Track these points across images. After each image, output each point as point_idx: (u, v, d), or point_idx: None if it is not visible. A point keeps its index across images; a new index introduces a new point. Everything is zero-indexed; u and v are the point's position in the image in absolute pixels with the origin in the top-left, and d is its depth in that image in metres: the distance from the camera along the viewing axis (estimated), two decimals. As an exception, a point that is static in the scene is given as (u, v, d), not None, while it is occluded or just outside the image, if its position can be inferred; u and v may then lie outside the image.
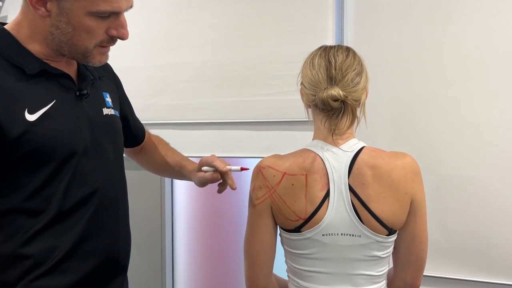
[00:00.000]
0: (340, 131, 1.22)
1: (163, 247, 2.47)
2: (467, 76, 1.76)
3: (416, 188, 1.23)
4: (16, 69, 1.09)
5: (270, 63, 2.08)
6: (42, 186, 1.10)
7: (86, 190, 1.17)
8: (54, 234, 1.12)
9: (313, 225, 1.19)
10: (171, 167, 1.53)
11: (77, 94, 1.19)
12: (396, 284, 1.31)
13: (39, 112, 1.09)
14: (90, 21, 1.09)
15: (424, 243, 1.27)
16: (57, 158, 1.11)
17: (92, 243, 1.18)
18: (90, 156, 1.18)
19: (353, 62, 1.22)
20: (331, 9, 1.96)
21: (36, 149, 1.08)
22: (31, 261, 1.10)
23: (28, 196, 1.09)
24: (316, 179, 1.20)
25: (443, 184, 1.79)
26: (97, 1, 1.07)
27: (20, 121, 1.06)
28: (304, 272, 1.25)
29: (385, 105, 1.85)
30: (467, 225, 1.78)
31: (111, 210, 1.24)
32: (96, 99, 1.25)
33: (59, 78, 1.16)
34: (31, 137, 1.07)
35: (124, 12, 1.14)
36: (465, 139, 1.77)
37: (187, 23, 2.24)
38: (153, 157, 1.56)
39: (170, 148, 1.59)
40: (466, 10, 1.75)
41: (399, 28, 1.86)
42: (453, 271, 1.81)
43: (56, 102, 1.13)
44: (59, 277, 1.13)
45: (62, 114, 1.13)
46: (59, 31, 1.10)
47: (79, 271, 1.16)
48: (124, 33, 1.15)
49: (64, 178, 1.13)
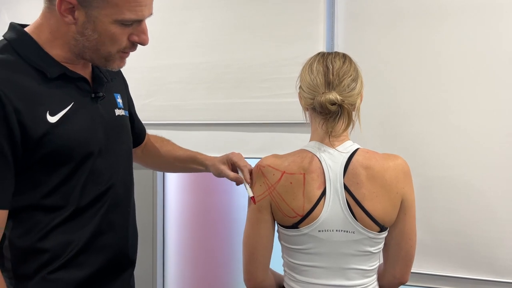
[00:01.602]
0: (336, 133, 1.28)
1: (155, 245, 2.48)
2: (452, 82, 1.81)
3: (406, 188, 1.30)
4: (38, 73, 1.13)
5: (263, 66, 2.11)
6: (60, 184, 1.14)
7: (101, 188, 1.21)
8: (70, 230, 1.17)
9: (310, 221, 1.25)
10: (182, 160, 1.58)
11: (92, 96, 1.23)
12: (386, 278, 1.38)
13: (59, 114, 1.13)
14: (115, 29, 1.13)
15: (413, 239, 1.34)
16: (75, 158, 1.15)
17: (105, 238, 1.23)
18: (104, 156, 1.22)
19: (350, 69, 1.28)
20: (323, 16, 2.00)
21: (56, 149, 1.12)
22: (48, 254, 1.14)
23: (46, 194, 1.13)
24: (314, 178, 1.26)
25: (428, 184, 1.83)
26: (123, 10, 1.10)
27: (42, 123, 1.10)
28: (301, 266, 1.30)
29: (374, 109, 1.88)
30: (451, 224, 1.83)
31: (122, 207, 1.29)
32: (109, 101, 1.30)
33: (76, 81, 1.20)
34: (52, 138, 1.11)
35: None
36: (449, 141, 1.82)
37: (181, 25, 2.25)
38: (158, 154, 1.59)
39: (173, 143, 1.64)
40: (452, 19, 1.80)
41: (387, 35, 1.91)
42: (438, 268, 1.86)
43: (74, 104, 1.16)
44: (74, 271, 1.17)
45: (79, 116, 1.17)
46: (84, 38, 1.13)
47: (93, 265, 1.21)
48: (145, 39, 1.18)
49: (81, 177, 1.17)
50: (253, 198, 1.32)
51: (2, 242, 1.12)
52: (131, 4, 1.11)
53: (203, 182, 2.51)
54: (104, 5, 1.09)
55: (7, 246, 1.13)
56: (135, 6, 1.11)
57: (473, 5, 1.78)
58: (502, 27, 1.74)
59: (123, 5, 1.10)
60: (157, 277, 2.50)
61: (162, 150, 1.60)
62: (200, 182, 2.51)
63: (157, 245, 2.50)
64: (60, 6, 1.09)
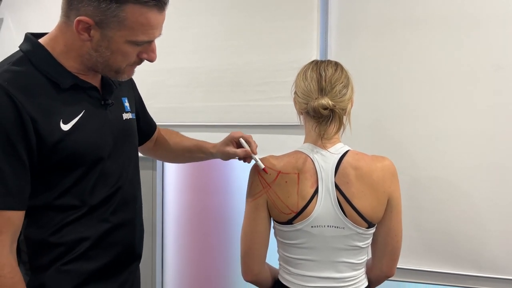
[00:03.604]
0: (328, 135, 1.35)
1: (154, 243, 2.51)
2: (438, 87, 1.85)
3: (393, 188, 1.37)
4: (51, 83, 1.19)
5: (259, 71, 2.14)
6: (72, 186, 1.21)
7: (110, 189, 1.29)
8: (81, 227, 1.24)
9: (303, 218, 1.32)
10: (190, 150, 1.66)
11: (102, 103, 1.30)
12: (374, 272, 1.45)
13: (72, 122, 1.20)
14: (128, 48, 1.20)
15: (398, 235, 1.41)
16: (86, 162, 1.23)
17: (114, 235, 1.30)
18: (113, 159, 1.30)
19: (341, 76, 1.35)
20: (316, 23, 2.04)
21: (69, 155, 1.19)
22: (62, 248, 1.22)
23: (59, 195, 1.20)
24: (307, 178, 1.33)
25: (415, 184, 1.87)
26: (137, 33, 1.17)
27: (57, 131, 1.17)
28: (295, 260, 1.38)
29: (364, 112, 1.90)
30: (437, 222, 1.86)
31: (130, 206, 1.36)
32: (117, 106, 1.36)
33: (87, 90, 1.26)
34: (65, 144, 1.18)
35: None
36: (436, 144, 1.85)
37: (180, 31, 2.28)
38: (168, 146, 1.67)
39: (181, 135, 1.72)
40: (439, 28, 1.84)
41: (377, 42, 1.94)
42: (425, 264, 1.91)
43: (85, 112, 1.23)
44: (85, 264, 1.25)
45: (90, 123, 1.24)
46: (97, 54, 1.20)
47: (102, 259, 1.28)
48: (153, 57, 1.26)
49: (91, 180, 1.24)
50: (265, 169, 1.37)
51: (19, 237, 1.19)
52: (145, 27, 1.18)
53: (201, 181, 2.54)
54: (120, 27, 1.16)
55: (23, 240, 1.20)
56: (148, 29, 1.18)
57: (459, 14, 1.82)
58: (486, 35, 1.79)
59: (138, 29, 1.17)
60: (156, 273, 2.53)
61: (171, 142, 1.67)
62: (198, 180, 2.55)
63: (156, 242, 2.53)
64: (78, 25, 1.15)
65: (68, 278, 1.23)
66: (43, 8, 2.57)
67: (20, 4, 2.68)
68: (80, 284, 1.25)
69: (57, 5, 1.25)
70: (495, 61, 1.79)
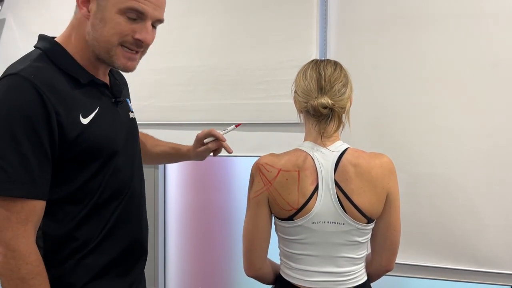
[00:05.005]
0: (328, 134, 1.37)
1: (156, 240, 2.53)
2: (436, 85, 1.87)
3: (391, 184, 1.39)
4: (71, 78, 1.23)
5: (259, 69, 2.16)
6: (88, 180, 1.24)
7: (120, 184, 1.32)
8: (95, 220, 1.27)
9: (304, 214, 1.35)
10: (167, 153, 1.70)
11: (113, 101, 1.34)
12: (373, 266, 1.48)
13: (90, 116, 1.23)
14: (119, 19, 1.20)
15: (397, 230, 1.44)
16: (102, 156, 1.26)
17: (123, 228, 1.33)
18: (124, 155, 1.33)
19: (340, 75, 1.37)
20: (316, 22, 2.06)
21: (88, 148, 1.22)
22: (78, 242, 1.25)
23: (76, 188, 1.23)
24: (307, 175, 1.36)
25: (413, 180, 1.89)
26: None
27: (77, 124, 1.20)
28: (295, 255, 1.40)
29: (363, 110, 1.91)
30: (436, 218, 1.88)
31: (136, 201, 1.40)
32: (125, 105, 1.41)
33: (100, 87, 1.31)
34: (85, 137, 1.21)
35: (153, 23, 1.27)
36: (434, 141, 1.87)
37: (182, 30, 2.30)
38: (145, 149, 1.66)
39: (154, 137, 1.74)
40: (438, 25, 1.86)
41: (376, 40, 1.96)
42: (424, 259, 1.92)
43: (100, 108, 1.27)
44: (98, 257, 1.28)
45: (105, 119, 1.28)
46: (93, 29, 1.22)
47: (112, 252, 1.31)
48: (147, 37, 1.25)
49: (106, 174, 1.27)
50: (237, 125, 1.56)
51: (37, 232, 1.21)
52: None
53: (203, 179, 2.57)
54: None
55: (41, 236, 1.22)
56: None
57: (457, 12, 1.84)
58: (484, 32, 1.80)
59: None
60: (158, 270, 2.55)
61: (148, 145, 1.69)
62: (200, 178, 2.57)
63: (158, 239, 2.54)
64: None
65: (83, 271, 1.26)
66: (45, 8, 2.59)
67: (22, 4, 2.69)
68: (94, 277, 1.27)
69: (59, 6, 1.28)
70: (494, 59, 1.80)
